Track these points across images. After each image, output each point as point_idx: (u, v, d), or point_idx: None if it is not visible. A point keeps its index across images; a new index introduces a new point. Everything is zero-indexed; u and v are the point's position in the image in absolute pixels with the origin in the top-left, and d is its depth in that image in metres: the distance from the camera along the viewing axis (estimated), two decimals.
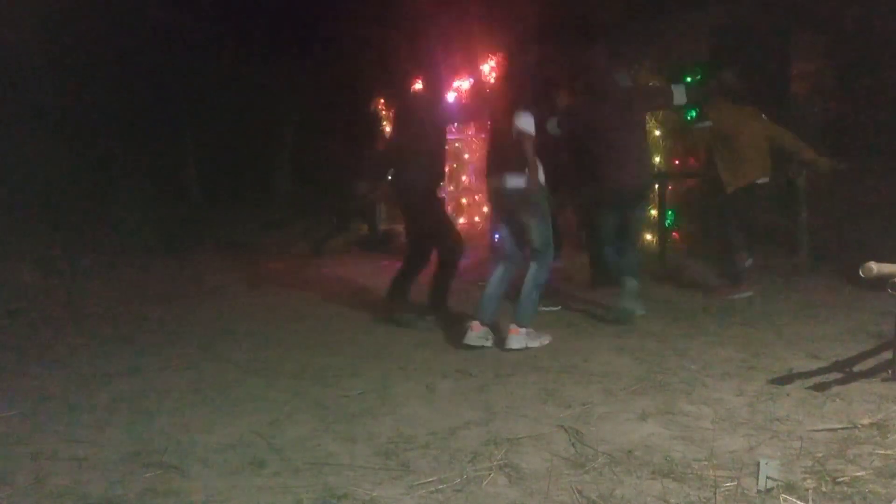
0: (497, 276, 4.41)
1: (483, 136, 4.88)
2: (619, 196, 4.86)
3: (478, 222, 9.30)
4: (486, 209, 8.37)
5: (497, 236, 4.65)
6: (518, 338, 4.20)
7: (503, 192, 4.34)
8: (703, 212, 6.10)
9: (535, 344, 4.23)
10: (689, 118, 6.26)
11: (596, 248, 5.37)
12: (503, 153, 4.33)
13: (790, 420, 2.95)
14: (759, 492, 2.33)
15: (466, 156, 9.60)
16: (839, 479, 2.38)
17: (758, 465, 2.47)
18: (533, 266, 4.33)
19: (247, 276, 7.49)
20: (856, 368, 3.62)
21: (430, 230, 4.93)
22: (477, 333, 4.25)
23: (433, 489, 2.44)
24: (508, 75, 4.49)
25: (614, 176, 4.76)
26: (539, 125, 4.36)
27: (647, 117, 5.58)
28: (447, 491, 2.43)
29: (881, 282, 3.31)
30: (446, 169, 4.72)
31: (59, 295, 6.24)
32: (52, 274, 7.09)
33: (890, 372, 3.41)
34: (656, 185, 7.59)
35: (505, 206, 4.42)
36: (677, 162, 7.89)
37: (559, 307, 5.29)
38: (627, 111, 4.82)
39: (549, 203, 4.39)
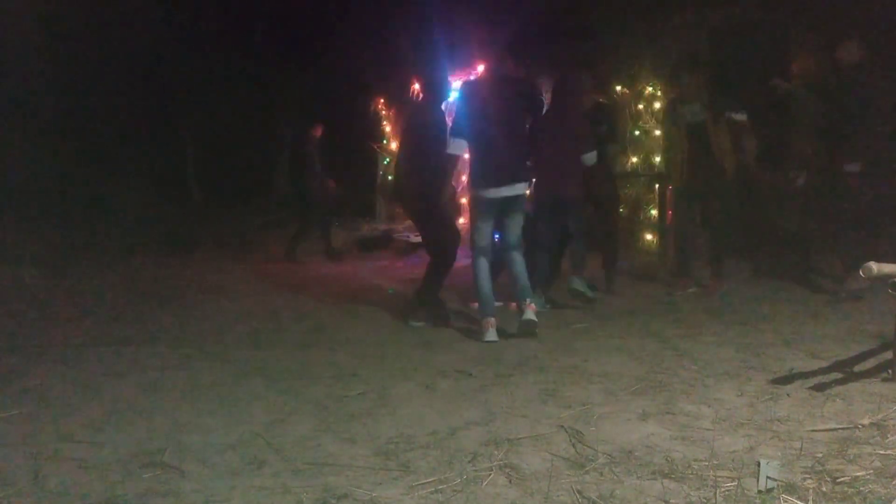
0: (485, 272, 4.71)
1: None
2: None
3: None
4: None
5: (497, 236, 4.98)
6: (533, 313, 4.56)
7: (509, 195, 4.65)
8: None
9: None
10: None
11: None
12: (509, 160, 4.64)
13: (790, 420, 2.95)
14: (759, 492, 2.33)
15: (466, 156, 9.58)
16: (839, 479, 2.38)
17: (758, 465, 2.47)
18: (518, 257, 4.71)
19: (247, 275, 7.49)
20: (856, 368, 3.62)
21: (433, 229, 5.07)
22: (495, 329, 4.52)
23: (433, 489, 2.44)
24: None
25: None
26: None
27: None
28: (447, 491, 2.43)
29: (881, 282, 3.31)
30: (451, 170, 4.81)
31: (59, 295, 6.23)
32: (52, 274, 7.09)
33: (890, 372, 3.41)
34: (657, 185, 7.61)
35: (502, 208, 4.71)
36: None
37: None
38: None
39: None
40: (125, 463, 2.73)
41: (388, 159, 10.69)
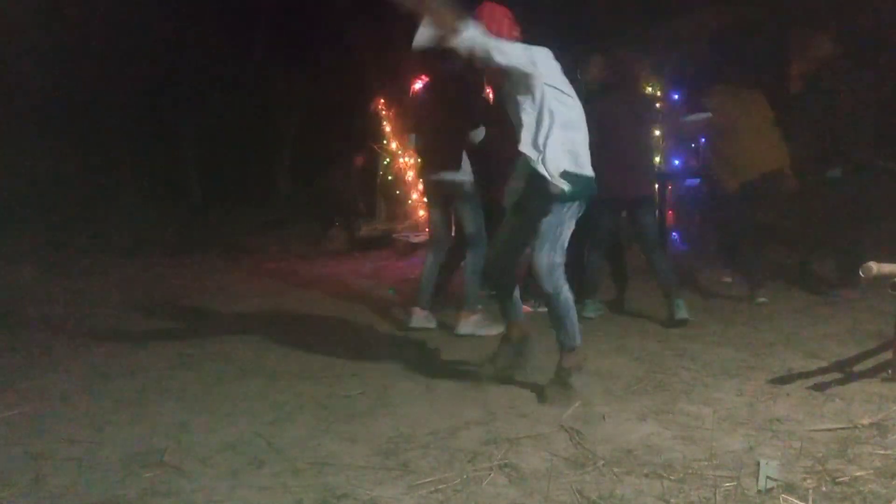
0: (429, 263, 4.79)
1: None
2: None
3: None
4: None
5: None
6: (467, 324, 4.53)
7: (442, 182, 4.62)
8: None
9: (482, 332, 4.45)
10: None
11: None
12: (442, 148, 4.60)
13: (790, 420, 2.96)
14: (759, 492, 2.33)
15: None
16: (839, 479, 2.38)
17: (758, 464, 2.47)
18: (469, 254, 4.62)
19: (247, 275, 7.49)
20: (856, 368, 3.62)
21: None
22: (418, 317, 4.71)
23: (433, 489, 2.44)
24: None
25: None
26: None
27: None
28: (447, 491, 2.43)
29: (881, 282, 3.32)
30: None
31: (59, 295, 6.23)
32: (52, 274, 7.10)
33: (890, 372, 3.41)
34: (656, 185, 7.58)
35: (442, 195, 4.71)
36: (677, 162, 7.89)
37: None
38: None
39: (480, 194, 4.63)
40: (125, 463, 2.73)
41: (388, 159, 10.70)
